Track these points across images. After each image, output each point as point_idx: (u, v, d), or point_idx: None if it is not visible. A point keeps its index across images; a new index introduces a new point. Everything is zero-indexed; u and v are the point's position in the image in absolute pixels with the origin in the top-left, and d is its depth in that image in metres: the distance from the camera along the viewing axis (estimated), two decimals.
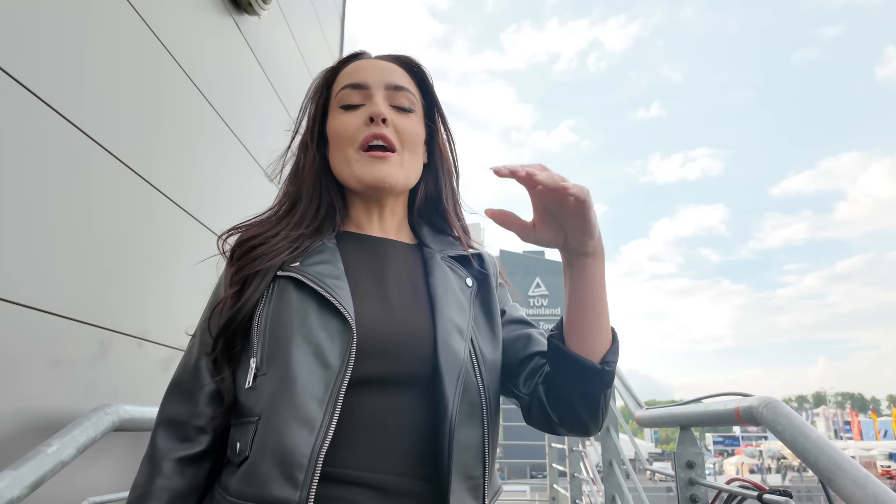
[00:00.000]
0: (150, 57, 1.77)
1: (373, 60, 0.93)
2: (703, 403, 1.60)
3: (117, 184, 1.59)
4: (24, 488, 1.04)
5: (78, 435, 1.21)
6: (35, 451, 1.11)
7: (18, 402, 1.24)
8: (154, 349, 1.70)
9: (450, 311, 0.81)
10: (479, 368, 0.80)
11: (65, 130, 1.37)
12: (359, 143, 0.85)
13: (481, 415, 0.78)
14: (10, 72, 1.20)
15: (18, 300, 1.24)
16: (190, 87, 1.99)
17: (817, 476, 1.01)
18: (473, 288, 0.88)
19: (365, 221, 0.92)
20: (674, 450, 1.70)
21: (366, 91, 0.87)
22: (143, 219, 1.72)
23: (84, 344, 1.46)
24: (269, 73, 2.75)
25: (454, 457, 0.72)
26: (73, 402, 1.39)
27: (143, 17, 1.71)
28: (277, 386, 0.71)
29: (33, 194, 1.29)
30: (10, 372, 1.23)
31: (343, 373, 0.71)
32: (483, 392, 0.79)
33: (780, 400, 1.20)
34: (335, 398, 0.70)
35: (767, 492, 1.27)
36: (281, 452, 0.67)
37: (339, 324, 0.74)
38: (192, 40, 2.04)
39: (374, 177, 0.84)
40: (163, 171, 1.80)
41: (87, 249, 1.47)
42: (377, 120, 0.84)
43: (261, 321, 0.77)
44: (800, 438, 1.07)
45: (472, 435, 0.76)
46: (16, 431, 1.22)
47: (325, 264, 0.80)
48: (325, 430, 0.68)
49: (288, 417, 0.68)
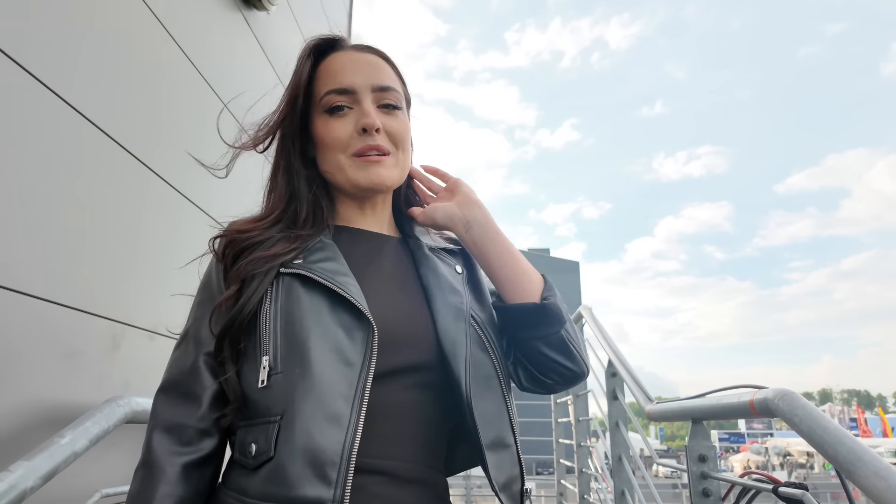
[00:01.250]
0: (162, 52, 1.77)
1: (353, 56, 0.90)
2: (716, 396, 1.59)
3: (129, 178, 1.59)
4: (38, 479, 1.04)
5: (91, 426, 1.21)
6: (48, 442, 1.11)
7: (32, 393, 1.25)
8: (165, 342, 1.70)
9: (444, 296, 0.83)
10: (488, 343, 0.83)
11: (78, 125, 1.37)
12: (351, 152, 0.85)
13: (499, 385, 0.82)
14: (28, 68, 1.20)
15: (33, 292, 1.24)
16: (200, 81, 1.99)
17: (836, 468, 1.00)
18: (464, 274, 0.91)
19: (356, 217, 0.92)
20: (681, 446, 1.69)
21: (353, 95, 0.86)
22: (153, 213, 1.72)
23: (97, 336, 1.46)
24: (277, 68, 2.75)
25: (481, 432, 0.75)
26: (86, 394, 1.40)
27: (155, 13, 1.71)
28: (300, 384, 0.70)
29: (48, 189, 1.30)
30: (25, 363, 1.23)
31: (367, 369, 0.72)
32: (496, 363, 0.83)
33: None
34: (361, 394, 0.70)
35: (783, 485, 1.25)
36: (312, 451, 0.66)
37: (354, 320, 0.74)
38: (202, 35, 2.04)
39: (371, 180, 0.85)
40: (174, 165, 1.80)
41: (99, 243, 1.48)
42: (370, 131, 0.84)
43: (269, 319, 0.76)
44: (818, 430, 1.06)
45: (494, 406, 0.79)
46: (30, 422, 1.22)
47: (329, 261, 0.80)
48: (354, 427, 0.68)
49: (316, 416, 0.68)
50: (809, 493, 1.18)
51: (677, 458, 2.78)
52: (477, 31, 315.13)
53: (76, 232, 1.39)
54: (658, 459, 2.23)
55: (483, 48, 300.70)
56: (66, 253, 1.36)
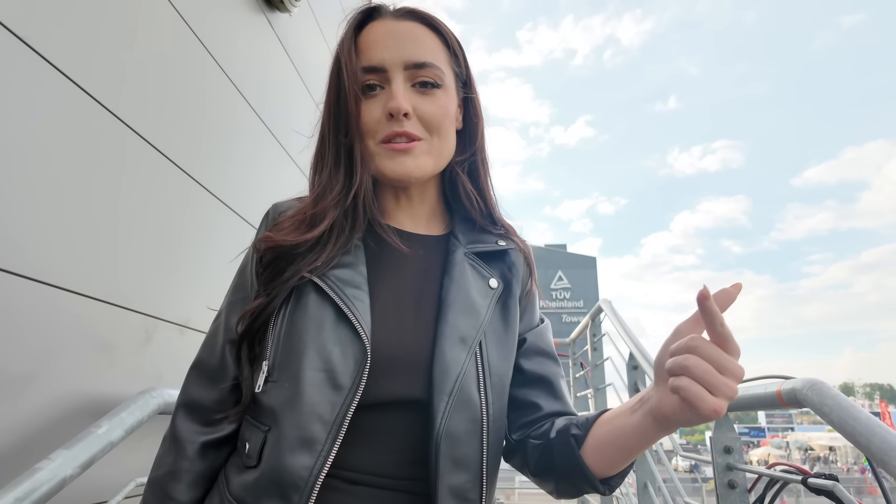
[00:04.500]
0: (190, 54, 1.80)
1: (389, 26, 0.80)
2: (741, 387, 1.57)
3: (161, 177, 1.62)
4: (77, 467, 1.06)
5: (126, 417, 1.24)
6: (86, 431, 1.14)
7: (70, 384, 1.28)
8: (195, 336, 1.74)
9: (456, 317, 0.74)
10: (483, 383, 0.73)
11: (110, 125, 1.40)
12: (379, 138, 0.77)
13: (482, 432, 0.72)
14: (65, 71, 1.23)
15: (71, 288, 1.27)
16: (226, 82, 2.02)
17: (868, 458, 0.99)
18: (497, 290, 0.80)
19: (392, 209, 0.85)
20: (700, 440, 1.68)
21: (384, 74, 0.77)
22: (183, 210, 1.75)
23: (131, 330, 1.49)
24: (300, 68, 2.77)
25: (441, 477, 0.68)
26: (121, 386, 1.43)
27: (183, 16, 1.73)
28: (285, 400, 0.68)
29: (86, 192, 1.33)
30: (63, 356, 1.26)
31: (352, 396, 0.68)
32: (485, 408, 0.73)
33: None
34: (340, 421, 0.67)
35: (812, 476, 1.24)
36: (279, 472, 0.66)
37: (353, 339, 0.70)
38: (227, 37, 2.06)
39: (397, 172, 0.77)
40: (202, 163, 1.83)
41: (132, 240, 1.51)
42: (397, 116, 0.75)
43: (277, 323, 0.73)
44: (849, 420, 1.04)
45: (469, 453, 0.71)
46: (68, 413, 1.25)
47: (346, 269, 0.75)
48: (325, 454, 0.66)
49: (291, 437, 0.66)
50: (840, 485, 1.17)
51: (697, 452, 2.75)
52: (490, 30, 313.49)
53: (112, 231, 1.42)
54: (681, 452, 2.21)
55: (496, 47, 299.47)
56: (103, 251, 1.39)
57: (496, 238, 0.85)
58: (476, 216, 0.86)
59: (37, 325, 1.18)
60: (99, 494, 1.32)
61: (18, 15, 1.12)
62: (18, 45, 1.13)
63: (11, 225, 1.13)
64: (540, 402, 0.81)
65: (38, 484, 0.97)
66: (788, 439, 40.81)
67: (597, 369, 3.92)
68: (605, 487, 0.72)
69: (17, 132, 1.14)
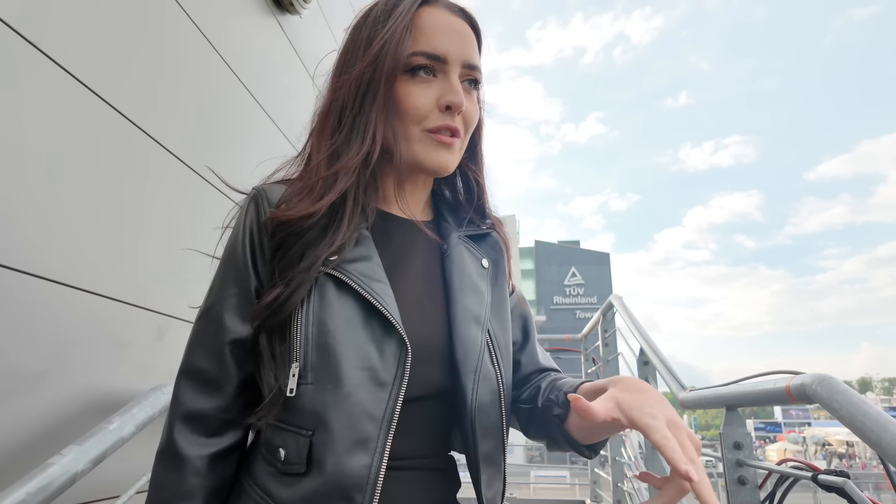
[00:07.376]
0: (202, 57, 1.82)
1: (449, 19, 0.78)
2: (750, 382, 1.56)
3: (174, 178, 1.64)
4: (88, 462, 1.08)
5: (137, 413, 1.25)
6: (98, 427, 1.15)
7: (83, 381, 1.30)
8: None
9: (465, 299, 0.78)
10: (496, 356, 0.78)
11: (123, 127, 1.41)
12: (426, 126, 0.75)
13: (499, 401, 0.77)
14: (78, 76, 1.24)
15: (86, 287, 1.30)
16: (238, 85, 2.03)
17: (879, 455, 0.97)
18: (490, 269, 0.85)
19: (391, 195, 0.83)
20: (715, 435, 1.67)
21: (441, 64, 0.76)
22: (196, 211, 1.77)
23: (143, 328, 1.51)
24: (311, 69, 2.79)
25: (479, 447, 0.73)
26: (133, 383, 1.45)
27: (195, 21, 1.75)
28: (330, 402, 0.67)
29: (103, 196, 1.35)
30: (76, 353, 1.28)
31: (398, 390, 0.68)
32: (500, 379, 0.78)
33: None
34: (390, 416, 0.67)
35: (823, 472, 1.23)
36: (340, 475, 0.65)
37: (386, 334, 0.70)
38: (238, 40, 2.08)
39: (437, 164, 0.77)
40: (215, 165, 1.84)
41: (147, 242, 1.53)
42: (455, 111, 0.75)
43: (301, 322, 0.70)
44: (859, 416, 1.03)
45: (494, 421, 0.76)
46: (80, 409, 1.27)
47: (364, 261, 0.73)
48: (381, 451, 0.66)
49: (345, 438, 0.66)
50: (851, 482, 1.15)
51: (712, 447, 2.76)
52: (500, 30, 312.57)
53: (125, 232, 1.45)
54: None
55: (506, 46, 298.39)
56: (116, 251, 1.41)
57: (479, 222, 0.90)
58: (465, 205, 0.90)
59: (52, 324, 1.20)
60: (110, 490, 1.35)
61: (27, 17, 1.14)
62: (32, 52, 1.14)
63: (31, 226, 1.15)
64: (521, 360, 0.89)
65: (50, 479, 0.99)
66: (805, 434, 40.39)
67: (608, 365, 3.90)
68: (590, 452, 0.77)
69: (34, 135, 1.16)
